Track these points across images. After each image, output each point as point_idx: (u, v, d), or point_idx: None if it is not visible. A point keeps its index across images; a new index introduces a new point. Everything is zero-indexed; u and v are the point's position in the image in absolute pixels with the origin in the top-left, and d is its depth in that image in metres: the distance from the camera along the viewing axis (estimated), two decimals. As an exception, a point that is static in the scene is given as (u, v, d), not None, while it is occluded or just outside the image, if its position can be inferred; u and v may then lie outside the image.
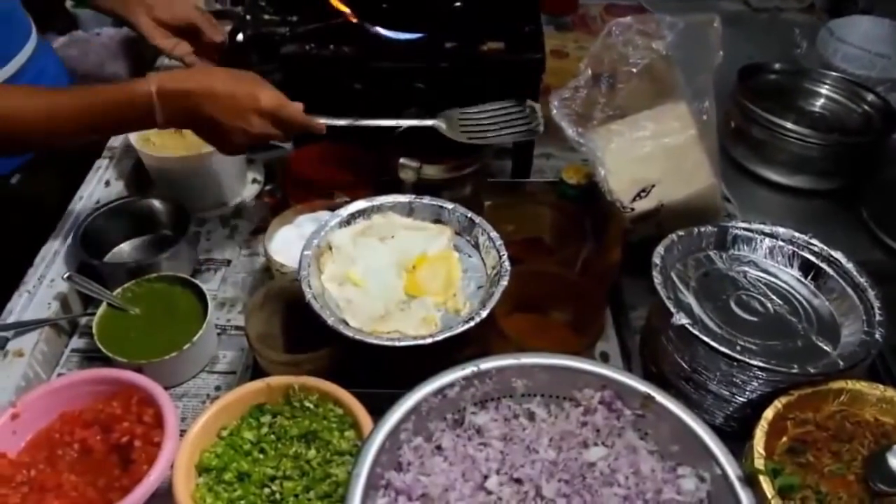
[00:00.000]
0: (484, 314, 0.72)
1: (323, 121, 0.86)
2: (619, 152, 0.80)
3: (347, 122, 0.88)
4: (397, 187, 0.93)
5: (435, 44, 0.93)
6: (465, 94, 0.93)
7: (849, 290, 0.77)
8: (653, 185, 0.81)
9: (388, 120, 0.89)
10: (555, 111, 0.79)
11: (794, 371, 0.68)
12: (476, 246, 0.82)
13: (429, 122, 0.89)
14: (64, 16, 1.76)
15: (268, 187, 1.11)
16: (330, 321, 0.71)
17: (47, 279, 0.93)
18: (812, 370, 0.68)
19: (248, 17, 1.07)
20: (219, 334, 0.90)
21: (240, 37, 1.06)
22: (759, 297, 0.79)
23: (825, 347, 0.73)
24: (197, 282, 0.88)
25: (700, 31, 0.80)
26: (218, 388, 0.85)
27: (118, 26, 1.76)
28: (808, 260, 0.81)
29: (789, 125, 1.08)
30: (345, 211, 0.81)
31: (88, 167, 1.11)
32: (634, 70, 0.78)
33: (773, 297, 0.79)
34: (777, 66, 1.23)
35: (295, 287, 0.77)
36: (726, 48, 0.85)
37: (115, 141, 1.15)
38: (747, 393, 0.70)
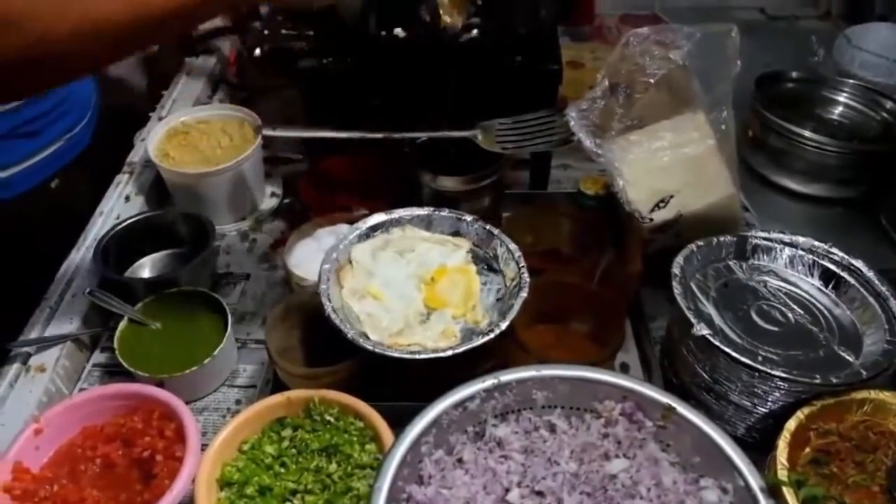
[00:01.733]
0: (504, 326, 0.72)
1: (360, 135, 0.86)
2: (638, 163, 0.80)
3: (384, 136, 0.89)
4: (416, 199, 0.93)
5: (452, 56, 0.94)
6: (483, 105, 0.93)
7: (870, 298, 0.76)
8: (671, 196, 0.81)
9: (424, 132, 0.90)
10: (573, 123, 0.79)
11: (817, 381, 0.67)
12: (495, 258, 0.82)
13: (465, 134, 0.90)
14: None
15: (286, 200, 1.12)
16: (350, 334, 0.72)
17: (69, 294, 0.94)
18: (834, 380, 0.67)
19: (265, 31, 1.08)
20: (239, 348, 0.90)
21: (257, 51, 1.07)
22: (780, 306, 0.78)
23: (847, 357, 0.72)
24: (217, 296, 0.88)
25: (717, 41, 0.79)
26: (238, 402, 0.85)
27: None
28: (829, 269, 0.80)
29: (807, 133, 1.07)
30: (364, 224, 0.82)
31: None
32: (652, 81, 0.78)
33: (794, 307, 0.78)
34: (794, 74, 1.22)
35: (315, 300, 0.77)
36: (743, 57, 0.84)
37: (135, 156, 1.16)
38: (769, 403, 0.70)
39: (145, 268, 1.01)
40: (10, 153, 1.02)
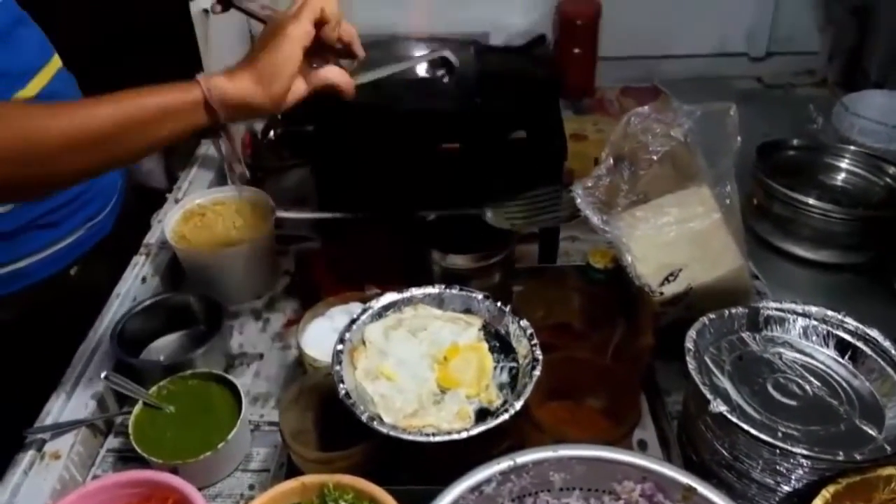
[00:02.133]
0: (518, 406, 0.72)
1: (371, 214, 0.87)
2: (645, 238, 0.81)
3: (394, 214, 0.90)
4: (427, 277, 0.95)
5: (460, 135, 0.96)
6: (490, 182, 0.95)
7: (888, 369, 0.76)
8: (680, 269, 0.82)
9: (434, 210, 0.91)
10: (579, 200, 0.81)
11: (840, 458, 0.66)
12: (507, 335, 0.82)
13: (475, 211, 0.91)
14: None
15: (299, 279, 1.13)
16: (364, 417, 0.72)
17: (85, 378, 0.94)
18: (858, 457, 0.66)
19: (279, 116, 1.12)
20: (252, 430, 0.90)
21: (271, 134, 1.10)
22: (797, 379, 0.77)
23: (870, 431, 0.71)
24: (231, 377, 0.89)
25: (717, 118, 0.82)
26: (252, 488, 0.84)
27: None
28: (844, 339, 0.80)
29: (811, 201, 1.09)
30: (376, 304, 0.83)
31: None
32: (655, 157, 0.80)
33: (812, 379, 0.77)
34: (795, 142, 1.24)
35: (328, 382, 0.77)
36: (742, 125, 0.86)
37: (152, 237, 1.18)
38: (793, 482, 0.68)
39: (160, 349, 1.01)
40: (29, 244, 1.02)
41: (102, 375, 0.91)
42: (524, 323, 0.80)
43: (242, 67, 0.74)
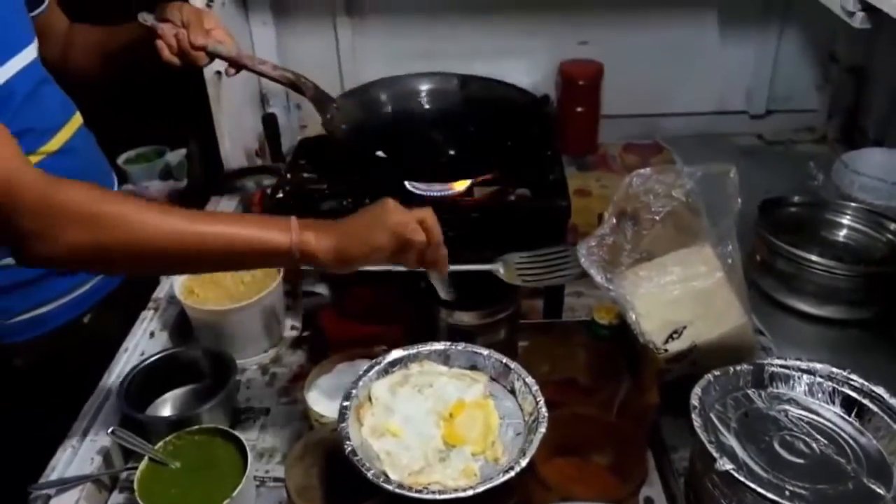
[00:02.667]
0: (524, 463, 0.72)
1: (381, 268, 0.89)
2: (649, 297, 0.82)
3: (407, 268, 0.92)
4: (432, 332, 0.95)
5: (464, 196, 0.99)
6: (497, 240, 0.97)
7: (895, 427, 0.76)
8: (684, 326, 0.82)
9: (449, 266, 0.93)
10: (583, 259, 0.82)
11: (849, 518, 0.66)
12: (512, 392, 0.82)
13: (487, 267, 0.93)
14: (115, 172, 1.89)
15: (306, 333, 1.14)
16: (370, 474, 0.72)
17: (91, 433, 0.95)
18: (867, 516, 0.66)
19: (288, 175, 1.14)
20: (258, 486, 0.90)
21: (280, 193, 1.13)
22: (804, 436, 0.77)
23: (878, 490, 0.71)
24: (237, 433, 0.89)
25: (718, 180, 0.84)
26: (257, 545, 0.84)
27: (165, 179, 1.89)
28: (850, 396, 0.80)
29: (814, 258, 1.10)
30: (383, 360, 0.83)
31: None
32: (657, 218, 0.82)
33: (818, 437, 0.77)
34: (796, 198, 1.26)
35: (334, 438, 0.77)
36: (744, 181, 0.88)
37: (160, 292, 1.20)
38: (801, 541, 0.68)
39: (167, 403, 1.02)
40: (46, 291, 1.06)
41: (109, 431, 0.91)
42: (529, 379, 0.81)
43: (333, 231, 0.79)
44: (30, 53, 0.99)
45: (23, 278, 1.01)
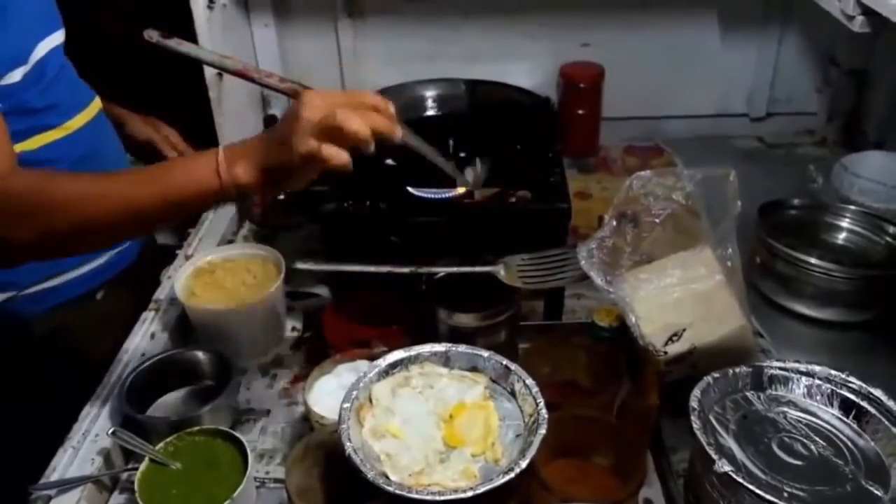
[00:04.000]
0: (524, 464, 0.72)
1: (384, 269, 0.90)
2: (649, 299, 0.83)
3: (410, 270, 0.93)
4: (433, 334, 0.96)
5: (465, 198, 0.99)
6: (497, 242, 0.97)
7: (893, 429, 0.76)
8: (684, 329, 0.83)
9: (449, 267, 0.93)
10: (583, 262, 0.83)
11: (847, 520, 0.66)
12: (512, 393, 0.82)
13: (488, 269, 0.93)
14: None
15: (307, 335, 1.14)
16: (370, 475, 0.72)
17: (91, 434, 0.95)
18: (865, 518, 0.66)
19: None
20: (258, 487, 0.90)
21: (281, 195, 1.13)
22: (802, 438, 0.77)
23: (876, 492, 0.71)
24: (237, 434, 0.89)
25: (718, 183, 0.84)
26: (257, 545, 0.84)
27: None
28: (848, 398, 0.80)
29: (813, 260, 1.10)
30: (383, 362, 0.83)
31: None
32: (657, 220, 0.82)
33: (816, 439, 0.77)
34: (796, 201, 1.26)
35: (335, 439, 0.77)
36: (744, 184, 0.88)
37: (161, 293, 1.20)
38: (800, 543, 0.68)
39: (168, 405, 1.02)
40: (58, 263, 1.09)
41: (110, 431, 0.91)
42: (529, 381, 0.81)
43: (256, 154, 0.77)
44: (59, 36, 1.07)
45: None
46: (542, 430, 0.75)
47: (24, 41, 0.99)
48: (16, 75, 0.96)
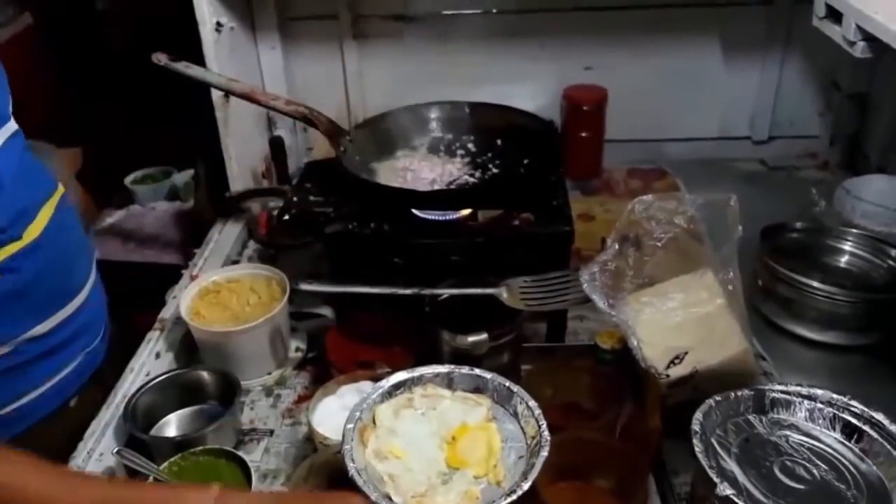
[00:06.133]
0: (526, 486, 0.72)
1: (388, 290, 0.89)
2: (651, 322, 0.83)
3: (413, 292, 0.93)
4: (436, 355, 0.96)
5: (469, 220, 1.00)
6: (500, 265, 0.98)
7: (895, 453, 0.76)
8: (686, 352, 0.83)
9: (452, 289, 0.94)
10: (585, 285, 0.83)
11: (849, 545, 0.66)
12: (515, 415, 0.83)
13: (490, 291, 0.94)
14: (121, 192, 1.92)
15: (311, 355, 1.15)
16: (374, 496, 0.72)
17: (96, 453, 0.96)
18: (867, 543, 0.66)
19: (294, 198, 1.16)
20: (261, 508, 0.90)
21: (286, 216, 1.14)
22: (804, 462, 0.77)
23: (878, 517, 0.71)
24: (241, 454, 0.90)
25: (719, 208, 0.85)
26: (260, 567, 0.84)
27: (171, 200, 1.91)
28: (850, 422, 0.80)
29: (815, 284, 1.10)
30: (386, 383, 0.84)
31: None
32: (659, 244, 0.83)
33: (819, 463, 0.77)
34: (798, 224, 1.27)
35: (338, 460, 0.78)
36: (746, 206, 0.89)
37: (167, 313, 1.21)
38: (803, 568, 0.68)
39: (172, 424, 1.03)
40: (31, 378, 1.00)
41: (114, 451, 0.92)
42: (532, 403, 0.81)
43: None
44: (10, 127, 0.96)
45: (7, 365, 0.96)
46: (545, 453, 0.75)
47: None
48: None
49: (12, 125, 0.97)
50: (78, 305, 1.03)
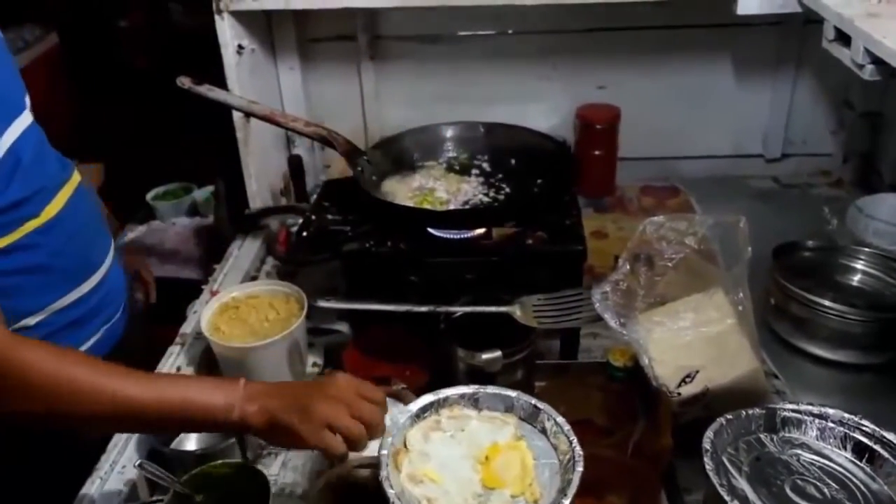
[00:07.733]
0: (566, 503, 0.73)
1: (404, 308, 0.91)
2: (662, 341, 0.84)
3: (428, 309, 0.95)
4: (451, 372, 0.98)
5: (483, 239, 1.02)
6: (514, 283, 1.00)
7: (906, 473, 0.76)
8: (697, 371, 0.84)
9: (466, 306, 0.96)
10: (597, 304, 0.85)
11: (859, 564, 0.66)
12: (543, 431, 0.83)
13: (504, 309, 0.95)
14: (143, 208, 1.96)
15: (327, 370, 1.16)
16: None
17: (119, 465, 0.98)
18: (878, 563, 0.67)
19: (313, 216, 1.18)
20: (279, 523, 0.92)
21: (304, 233, 1.17)
22: (815, 481, 0.78)
23: (889, 536, 0.72)
24: (259, 468, 0.91)
25: (730, 227, 0.86)
26: (277, 579, 0.85)
27: (192, 216, 1.95)
28: (861, 442, 0.80)
29: (828, 303, 1.11)
30: (414, 406, 0.84)
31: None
32: (670, 264, 0.84)
33: (829, 482, 0.78)
34: (810, 243, 1.27)
35: (356, 475, 0.79)
36: (759, 224, 0.90)
37: (187, 328, 1.23)
38: (813, 587, 0.69)
39: (192, 438, 1.04)
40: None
41: (136, 463, 0.94)
42: (560, 419, 0.81)
43: (270, 405, 0.81)
44: (27, 117, 1.00)
45: (36, 335, 1.00)
46: (580, 468, 0.76)
47: None
48: None
49: (28, 117, 1.00)
50: (98, 280, 1.08)
